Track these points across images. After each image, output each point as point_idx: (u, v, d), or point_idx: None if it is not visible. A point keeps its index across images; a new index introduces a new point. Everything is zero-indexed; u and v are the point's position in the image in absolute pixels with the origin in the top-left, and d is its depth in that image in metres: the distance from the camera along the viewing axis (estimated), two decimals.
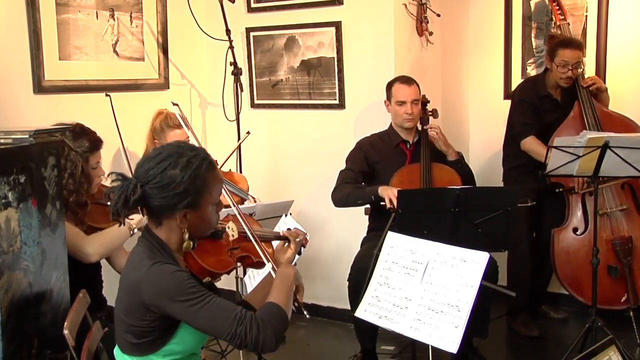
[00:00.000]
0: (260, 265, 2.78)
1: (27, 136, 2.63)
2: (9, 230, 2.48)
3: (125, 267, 2.31)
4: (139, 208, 2.26)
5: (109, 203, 2.22)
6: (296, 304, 2.43)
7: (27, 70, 4.23)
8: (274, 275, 2.55)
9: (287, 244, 2.71)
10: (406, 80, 4.32)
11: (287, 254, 2.68)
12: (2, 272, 2.44)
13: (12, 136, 2.62)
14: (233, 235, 2.68)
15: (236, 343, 2.14)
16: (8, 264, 2.47)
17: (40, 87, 4.29)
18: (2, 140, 2.59)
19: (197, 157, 2.24)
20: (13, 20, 4.16)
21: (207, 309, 2.13)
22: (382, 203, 3.98)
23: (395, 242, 2.94)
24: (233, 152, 4.62)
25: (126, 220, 2.24)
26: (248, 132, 4.58)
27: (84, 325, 2.67)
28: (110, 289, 3.34)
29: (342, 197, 4.18)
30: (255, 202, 4.23)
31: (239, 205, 4.13)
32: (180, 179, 2.18)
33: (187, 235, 2.28)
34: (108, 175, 2.50)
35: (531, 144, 4.61)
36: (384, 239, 2.99)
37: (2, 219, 2.44)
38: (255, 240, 2.62)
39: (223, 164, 4.42)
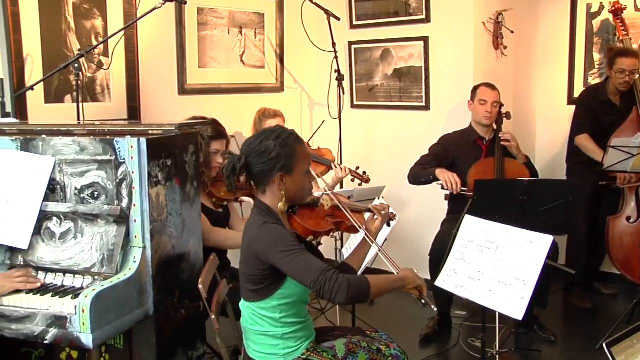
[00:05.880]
0: (353, 229, 2.76)
1: (173, 128, 2.69)
2: (159, 203, 2.56)
3: (244, 232, 2.39)
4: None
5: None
6: (423, 301, 2.39)
7: (174, 76, 4.39)
8: (367, 238, 2.59)
9: (375, 216, 2.71)
10: (490, 85, 4.27)
11: (376, 223, 2.66)
12: (153, 236, 2.51)
13: (162, 128, 2.68)
14: (327, 205, 2.71)
15: (316, 289, 2.16)
16: (158, 229, 2.54)
17: (183, 89, 4.44)
18: (154, 132, 2.66)
19: (286, 132, 2.37)
20: (165, 37, 4.33)
21: (300, 260, 2.19)
22: (437, 183, 3.96)
23: (471, 224, 2.91)
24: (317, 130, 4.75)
25: None
26: (323, 121, 4.61)
27: (214, 282, 2.73)
28: (233, 253, 3.44)
29: (412, 175, 4.16)
30: (340, 169, 4.28)
31: (327, 175, 4.19)
32: (273, 146, 2.29)
33: (284, 199, 2.34)
34: (223, 158, 2.68)
35: (584, 141, 4.47)
36: (461, 221, 2.96)
37: (154, 194, 2.52)
38: (345, 209, 2.64)
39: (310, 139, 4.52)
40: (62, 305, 2.32)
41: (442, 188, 3.92)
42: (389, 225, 2.74)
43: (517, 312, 2.57)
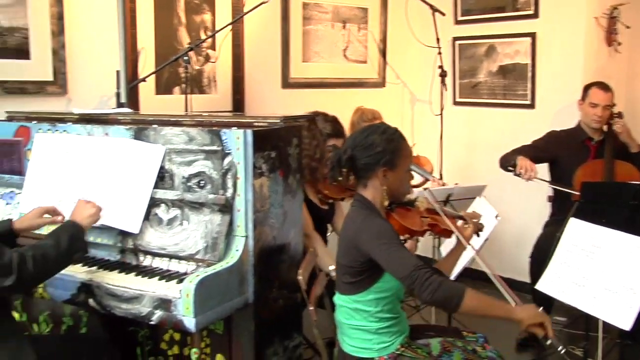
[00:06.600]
0: (447, 233, 2.75)
1: (278, 121, 2.73)
2: (262, 193, 2.60)
3: (344, 224, 2.45)
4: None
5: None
6: (549, 342, 2.21)
7: (278, 70, 4.48)
8: (461, 240, 2.56)
9: (466, 223, 2.68)
10: (604, 87, 4.08)
11: (467, 231, 2.64)
12: (255, 226, 2.56)
13: (267, 121, 2.73)
14: (422, 207, 2.70)
15: (407, 283, 2.16)
16: (260, 220, 2.59)
17: (286, 83, 4.53)
18: (260, 124, 2.71)
19: (391, 128, 2.42)
20: (270, 31, 4.42)
21: (397, 253, 2.21)
22: (509, 168, 3.92)
23: (576, 227, 2.81)
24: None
25: None
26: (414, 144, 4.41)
27: (312, 273, 2.77)
28: (333, 245, 3.46)
29: (501, 159, 4.09)
30: (438, 183, 4.14)
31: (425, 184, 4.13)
32: (379, 141, 2.34)
33: (385, 195, 2.38)
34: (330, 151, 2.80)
35: None
36: (566, 224, 2.87)
37: (257, 184, 2.57)
38: (444, 212, 2.62)
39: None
40: (167, 289, 2.42)
41: (515, 174, 3.86)
42: (477, 235, 2.70)
43: (625, 321, 2.46)
